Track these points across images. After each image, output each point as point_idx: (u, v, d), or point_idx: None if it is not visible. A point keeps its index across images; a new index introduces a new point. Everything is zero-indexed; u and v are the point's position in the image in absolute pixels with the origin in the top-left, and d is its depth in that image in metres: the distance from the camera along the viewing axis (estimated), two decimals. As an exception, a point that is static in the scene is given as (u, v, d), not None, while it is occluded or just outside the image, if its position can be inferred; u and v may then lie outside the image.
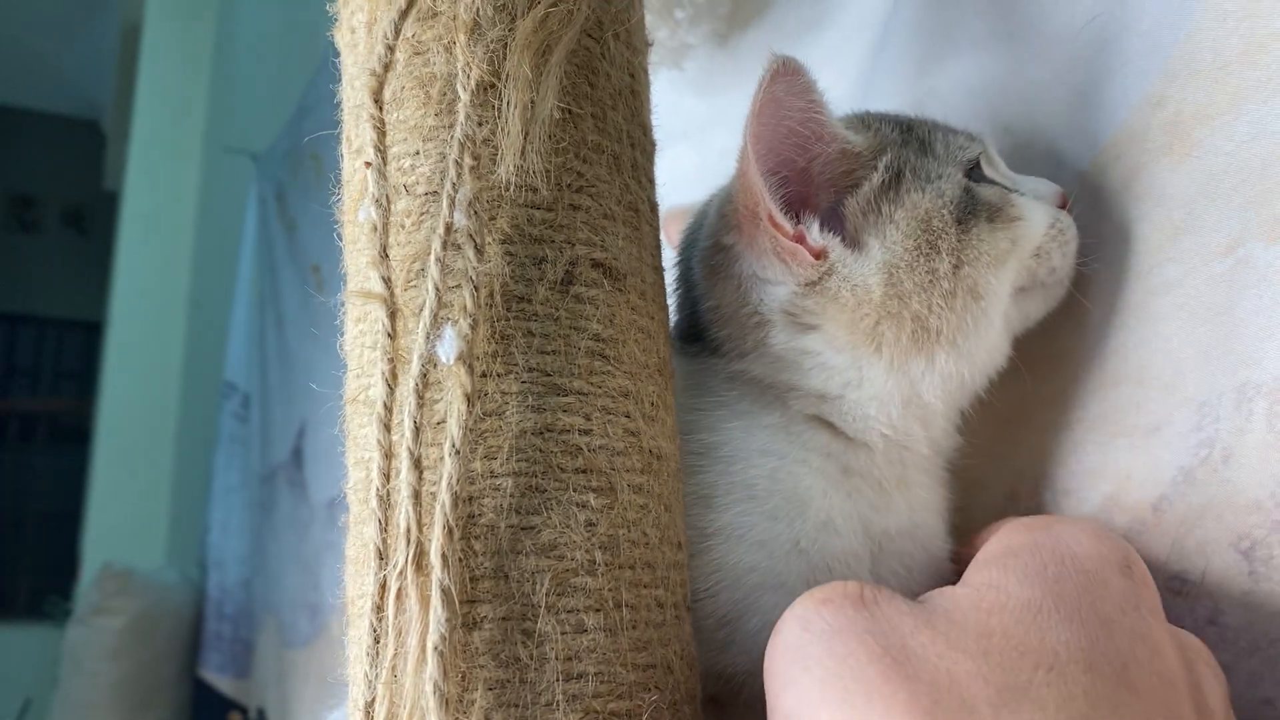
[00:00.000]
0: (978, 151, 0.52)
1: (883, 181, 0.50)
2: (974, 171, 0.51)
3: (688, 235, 0.58)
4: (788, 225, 0.49)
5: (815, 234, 0.49)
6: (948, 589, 0.37)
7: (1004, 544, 0.39)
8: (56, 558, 4.69)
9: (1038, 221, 0.50)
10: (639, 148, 0.48)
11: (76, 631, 2.71)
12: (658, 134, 0.51)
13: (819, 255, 0.49)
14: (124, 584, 2.66)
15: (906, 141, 0.51)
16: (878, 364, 0.49)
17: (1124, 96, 0.52)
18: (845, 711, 0.32)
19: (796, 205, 0.50)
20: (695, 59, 0.80)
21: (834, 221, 0.50)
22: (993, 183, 0.52)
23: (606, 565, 0.41)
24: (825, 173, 0.50)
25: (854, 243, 0.50)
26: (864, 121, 0.53)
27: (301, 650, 1.89)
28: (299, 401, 2.06)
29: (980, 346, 0.50)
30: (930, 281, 0.48)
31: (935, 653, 0.33)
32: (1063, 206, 0.52)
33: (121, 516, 3.85)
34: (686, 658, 0.44)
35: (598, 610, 0.40)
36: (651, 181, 0.49)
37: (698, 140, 0.78)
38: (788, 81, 0.47)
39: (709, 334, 0.53)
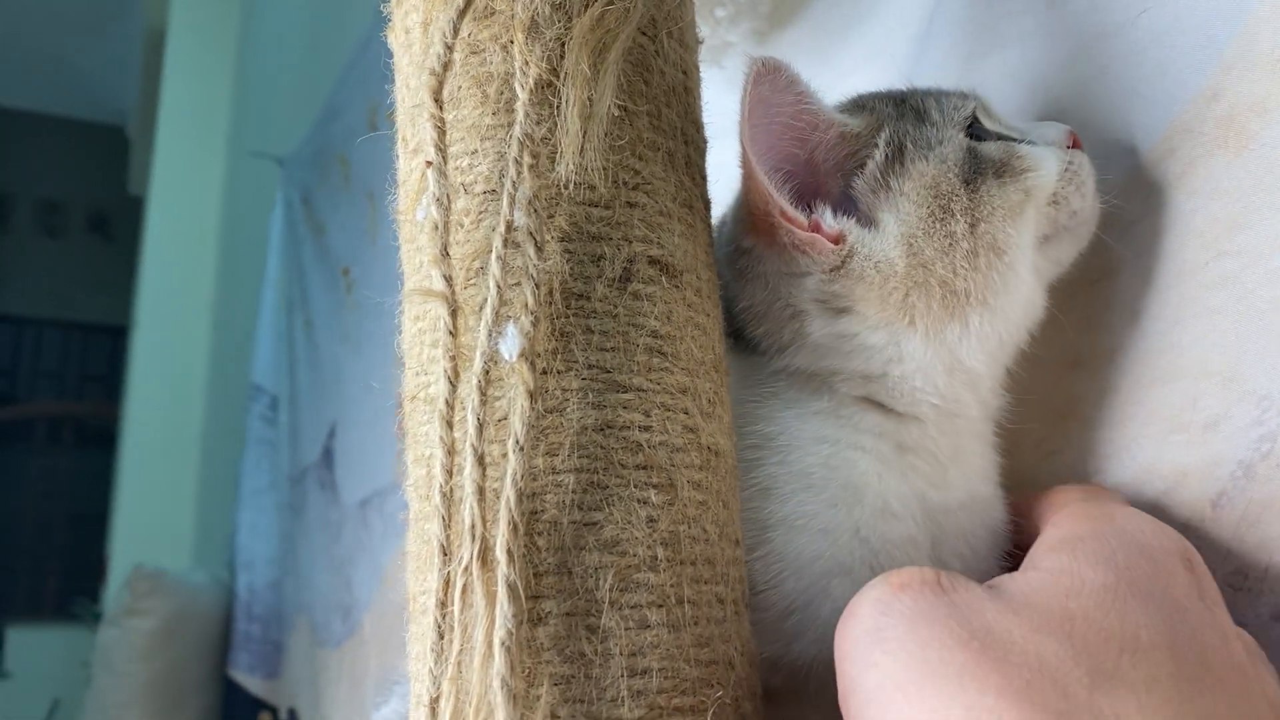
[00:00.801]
0: (972, 107, 0.52)
1: (885, 156, 0.50)
2: (974, 128, 0.52)
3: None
4: (801, 217, 0.49)
5: (829, 220, 0.50)
6: (1016, 575, 0.37)
7: (1068, 530, 0.39)
8: (84, 560, 4.74)
9: (1048, 168, 0.51)
10: (692, 144, 0.48)
11: (108, 632, 2.74)
12: (708, 149, 0.52)
13: (837, 240, 0.49)
14: (155, 585, 2.68)
15: (902, 114, 0.52)
16: (914, 336, 0.50)
17: (1177, 91, 0.52)
18: (934, 695, 0.32)
19: (808, 196, 0.50)
20: (735, 57, 0.80)
21: (847, 205, 0.51)
22: (997, 136, 0.52)
23: (668, 561, 0.41)
24: (829, 159, 0.51)
25: (869, 222, 0.50)
26: (858, 103, 0.54)
27: (334, 650, 1.89)
28: (329, 403, 2.07)
29: (1013, 301, 0.50)
30: (950, 245, 0.49)
31: (1021, 635, 0.33)
32: (1074, 146, 0.53)
33: (148, 518, 3.88)
34: (747, 654, 0.44)
35: (660, 606, 0.40)
36: (704, 178, 0.50)
37: (737, 138, 0.77)
38: (770, 79, 0.48)
39: (746, 333, 0.53)
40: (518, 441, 0.40)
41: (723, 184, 0.53)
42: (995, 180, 0.49)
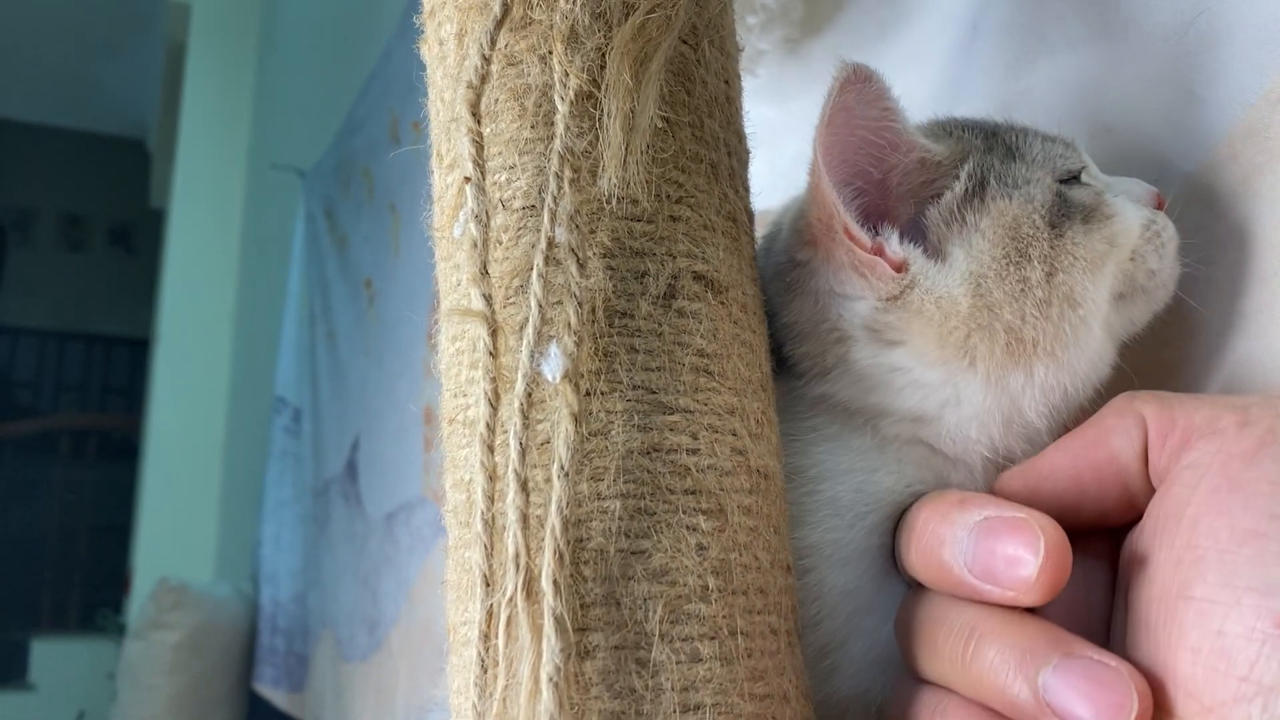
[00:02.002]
0: (1075, 164, 0.49)
1: (966, 190, 0.47)
2: (1067, 178, 0.49)
3: (761, 251, 0.56)
4: (865, 237, 0.46)
5: (895, 246, 0.47)
6: None
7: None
8: (108, 572, 4.76)
9: (1132, 222, 0.48)
10: (735, 155, 0.47)
11: (133, 646, 2.74)
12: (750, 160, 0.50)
13: (899, 268, 0.46)
14: (180, 598, 2.68)
15: (991, 147, 0.49)
16: (974, 379, 0.47)
17: (1238, 94, 0.50)
18: None
19: (874, 217, 0.47)
20: (767, 65, 0.78)
21: (915, 234, 0.48)
22: (1085, 185, 0.49)
23: (719, 591, 0.39)
24: (904, 183, 0.48)
25: (936, 253, 0.47)
26: (945, 128, 0.51)
27: (360, 664, 1.88)
28: (352, 415, 2.06)
29: (1081, 356, 0.47)
30: (1022, 290, 0.45)
31: None
32: (1159, 208, 0.49)
33: (172, 530, 3.89)
34: (801, 687, 0.42)
35: (712, 638, 0.39)
36: (748, 190, 0.48)
37: (770, 148, 0.76)
38: (859, 89, 0.45)
39: (785, 351, 0.51)
40: (562, 467, 0.38)
41: (762, 196, 0.52)
42: (1082, 226, 0.46)
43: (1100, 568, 0.42)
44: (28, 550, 5.24)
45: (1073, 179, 0.49)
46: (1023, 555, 0.37)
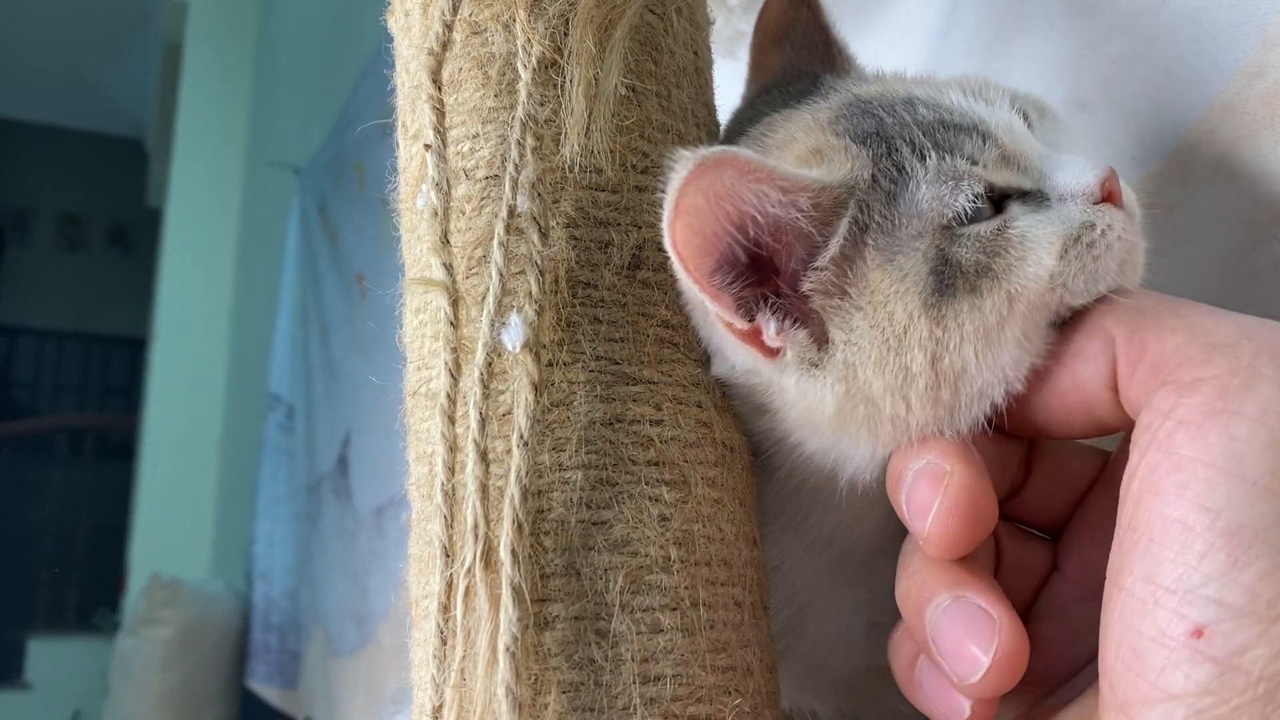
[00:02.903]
0: (974, 191, 0.39)
1: (840, 250, 0.39)
2: (965, 215, 0.39)
3: None
4: (739, 322, 0.39)
5: (771, 332, 0.39)
6: None
7: None
8: (104, 571, 4.75)
9: (1042, 255, 0.38)
10: (704, 127, 0.46)
11: (125, 642, 2.74)
12: (720, 132, 0.49)
13: (774, 354, 0.40)
14: (172, 594, 2.68)
15: (878, 178, 0.40)
16: (858, 449, 0.41)
17: (1215, 69, 0.49)
18: None
19: (766, 280, 0.40)
20: (748, 47, 0.78)
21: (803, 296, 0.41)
22: (1004, 195, 0.40)
23: (681, 562, 0.39)
24: (787, 239, 0.40)
25: (820, 333, 0.40)
26: (838, 143, 0.41)
27: (349, 659, 1.88)
28: (344, 410, 2.06)
29: (989, 398, 0.39)
30: (904, 380, 0.38)
31: None
32: (1108, 197, 0.40)
33: (168, 529, 3.89)
34: (766, 660, 0.41)
35: (674, 609, 0.38)
36: (718, 163, 0.47)
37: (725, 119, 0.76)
38: (709, 184, 0.37)
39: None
40: (522, 436, 0.38)
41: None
42: (968, 298, 0.38)
43: None
44: (25, 549, 5.23)
45: (962, 221, 0.39)
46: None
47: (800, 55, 0.52)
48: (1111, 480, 0.41)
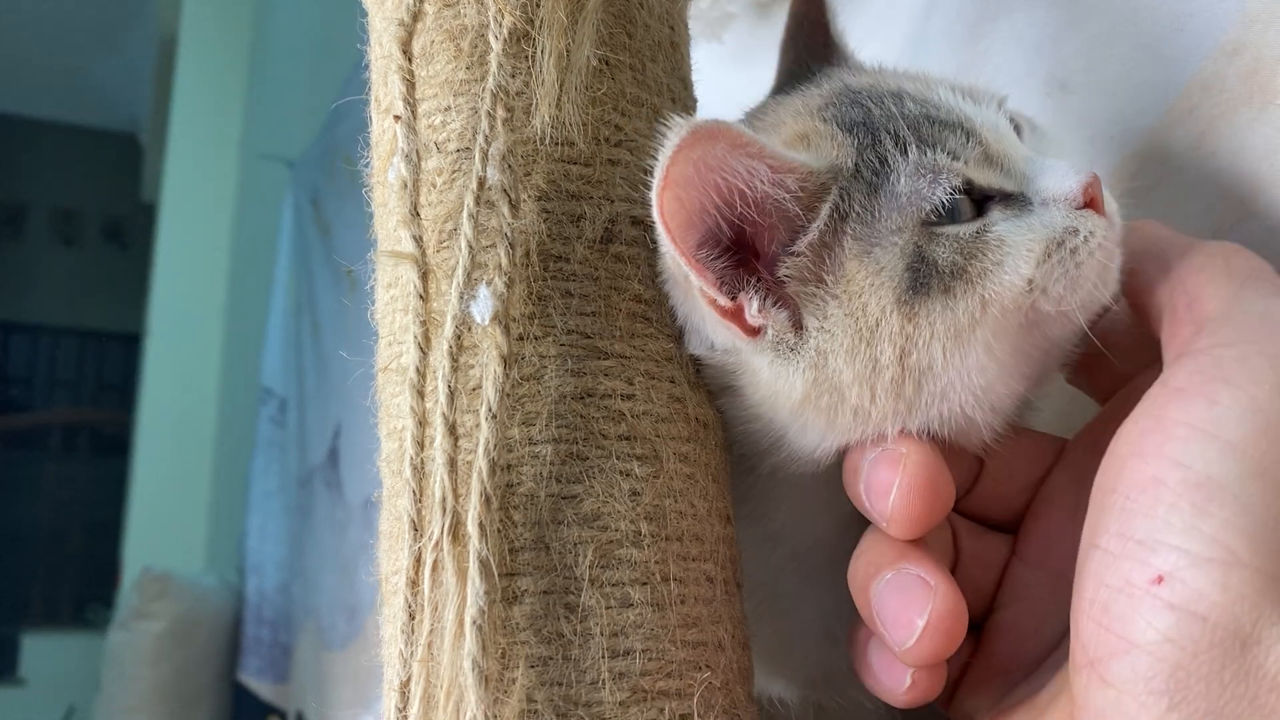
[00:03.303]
0: (952, 186, 0.39)
1: (820, 236, 0.39)
2: (943, 210, 0.39)
3: None
4: (722, 299, 0.39)
5: (754, 309, 0.39)
6: None
7: None
8: (98, 567, 4.74)
9: (1019, 261, 0.38)
10: (680, 102, 0.46)
11: (118, 636, 2.73)
12: (698, 109, 0.49)
13: (756, 332, 0.40)
14: (164, 588, 2.67)
15: (861, 167, 0.40)
16: (804, 435, 0.41)
17: (1195, 47, 0.49)
18: None
19: (748, 258, 0.40)
20: (735, 31, 0.77)
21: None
22: (986, 196, 0.40)
23: (652, 537, 0.39)
24: (772, 219, 0.40)
25: (796, 322, 0.40)
26: (826, 129, 0.41)
27: (340, 652, 1.88)
28: (335, 403, 2.05)
29: (953, 409, 0.40)
30: (873, 371, 0.39)
31: None
32: (1090, 203, 0.39)
33: (161, 524, 3.88)
34: (738, 636, 0.41)
35: (644, 584, 0.38)
36: (693, 139, 0.47)
37: (739, 114, 0.75)
38: (700, 154, 0.37)
39: None
40: (491, 410, 0.37)
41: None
42: (942, 299, 0.38)
43: None
44: (18, 545, 5.22)
45: (948, 215, 0.39)
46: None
47: (805, 54, 0.52)
48: (1071, 463, 0.41)
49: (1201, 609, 0.29)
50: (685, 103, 0.47)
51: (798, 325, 0.40)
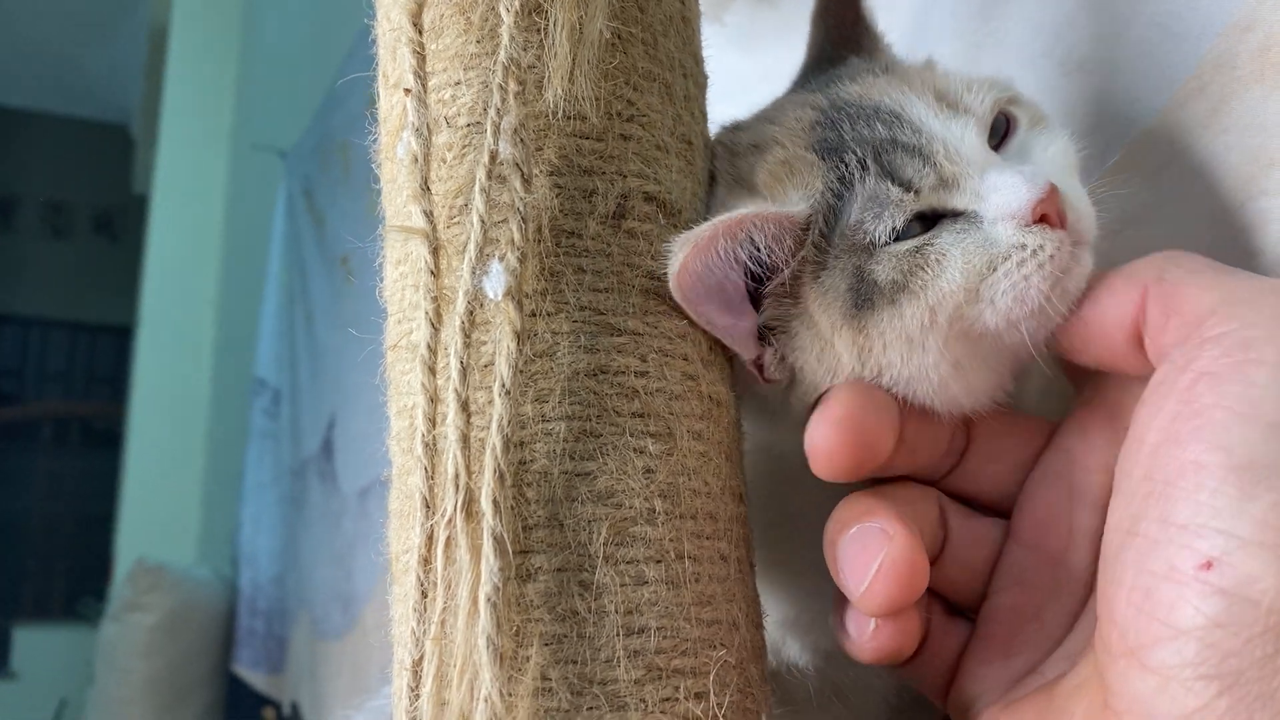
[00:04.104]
0: (894, 222, 0.41)
1: (792, 270, 0.42)
2: (881, 240, 0.41)
3: None
4: (750, 352, 0.43)
5: (773, 365, 0.43)
6: None
7: None
8: (91, 560, 4.73)
9: (954, 273, 0.40)
10: (691, 78, 0.45)
11: (110, 628, 2.72)
12: (707, 86, 0.49)
13: (771, 381, 0.44)
14: (157, 580, 2.66)
15: (826, 192, 0.42)
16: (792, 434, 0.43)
17: (1207, 25, 0.49)
18: None
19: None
20: (737, 13, 0.77)
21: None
22: (938, 215, 0.41)
23: (666, 514, 0.38)
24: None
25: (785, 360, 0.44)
26: (812, 156, 0.44)
27: (335, 642, 1.87)
28: (328, 394, 2.05)
29: (916, 397, 0.41)
30: (835, 372, 0.42)
31: None
32: (1045, 218, 0.40)
33: (154, 517, 3.87)
34: (752, 615, 0.41)
35: (658, 561, 0.38)
36: (704, 115, 0.47)
37: (742, 99, 0.74)
38: (702, 255, 0.40)
39: None
40: (504, 386, 0.37)
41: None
42: (888, 308, 0.40)
43: None
44: (10, 538, 5.20)
45: (880, 245, 0.41)
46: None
47: (834, 34, 0.53)
48: (1062, 446, 0.41)
49: (1254, 593, 0.29)
50: (696, 78, 0.46)
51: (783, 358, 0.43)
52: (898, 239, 0.41)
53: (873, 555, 0.37)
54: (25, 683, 4.69)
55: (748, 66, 0.79)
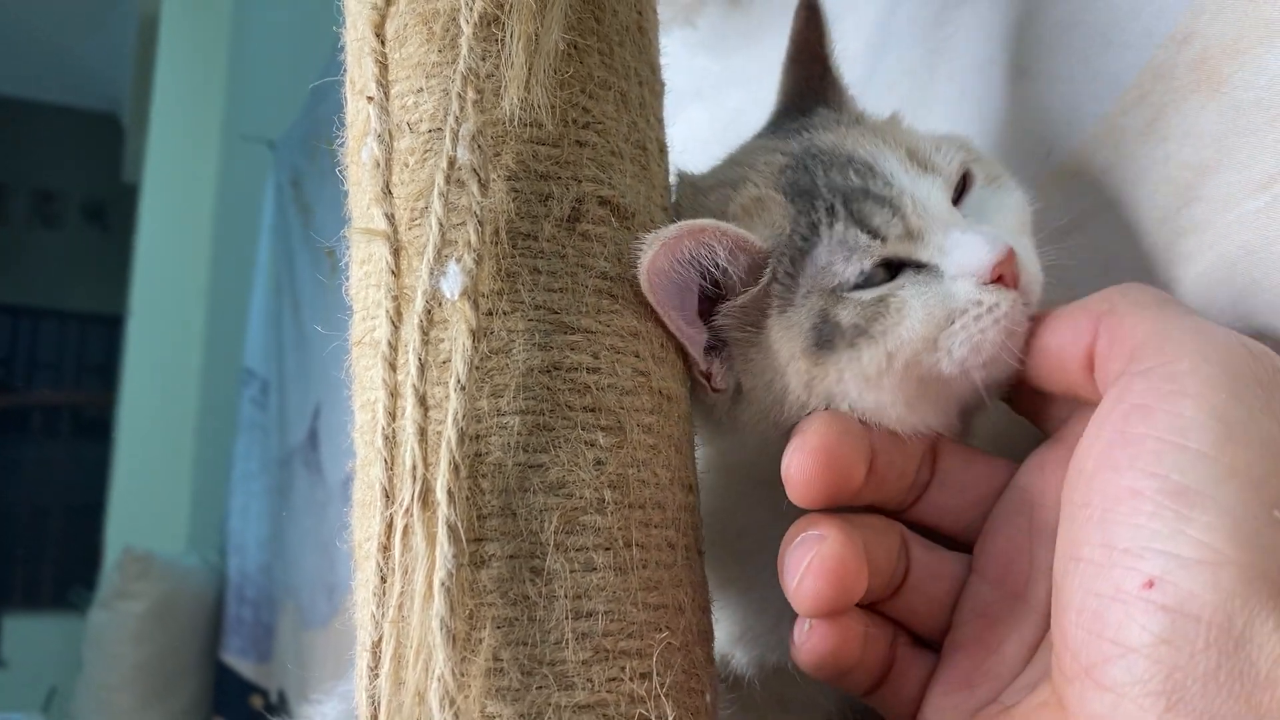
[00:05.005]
0: (860, 267, 0.44)
1: (752, 298, 0.45)
2: (848, 285, 0.44)
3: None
4: (702, 361, 0.46)
5: (719, 377, 0.46)
6: None
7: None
8: (80, 549, 4.73)
9: (914, 324, 0.42)
10: (647, 86, 0.47)
11: (99, 616, 2.73)
12: (671, 95, 0.50)
13: (719, 390, 0.47)
14: (145, 568, 2.68)
15: (794, 234, 0.45)
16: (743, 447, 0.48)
17: (1147, 35, 0.51)
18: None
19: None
20: (708, 17, 0.78)
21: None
22: (902, 264, 0.44)
23: (616, 504, 0.40)
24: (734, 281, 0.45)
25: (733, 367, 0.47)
26: (779, 197, 0.47)
27: (320, 630, 1.89)
28: (314, 384, 2.06)
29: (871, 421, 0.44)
30: (783, 397, 0.45)
31: None
32: (1001, 279, 0.42)
33: (143, 506, 3.87)
34: (698, 600, 0.43)
35: (607, 549, 0.40)
36: (660, 121, 0.49)
37: (711, 100, 0.76)
38: (669, 252, 0.43)
39: None
40: (460, 381, 0.39)
41: (685, 149, 0.52)
42: (848, 351, 0.43)
43: None
44: (0, 527, 5.21)
45: (846, 287, 0.44)
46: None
47: (802, 85, 0.55)
48: (1023, 484, 0.43)
49: (1194, 609, 0.30)
50: (652, 85, 0.48)
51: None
52: (864, 284, 0.44)
53: (808, 553, 0.39)
54: (15, 671, 4.69)
55: (718, 69, 0.81)
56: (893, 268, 0.44)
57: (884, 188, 0.45)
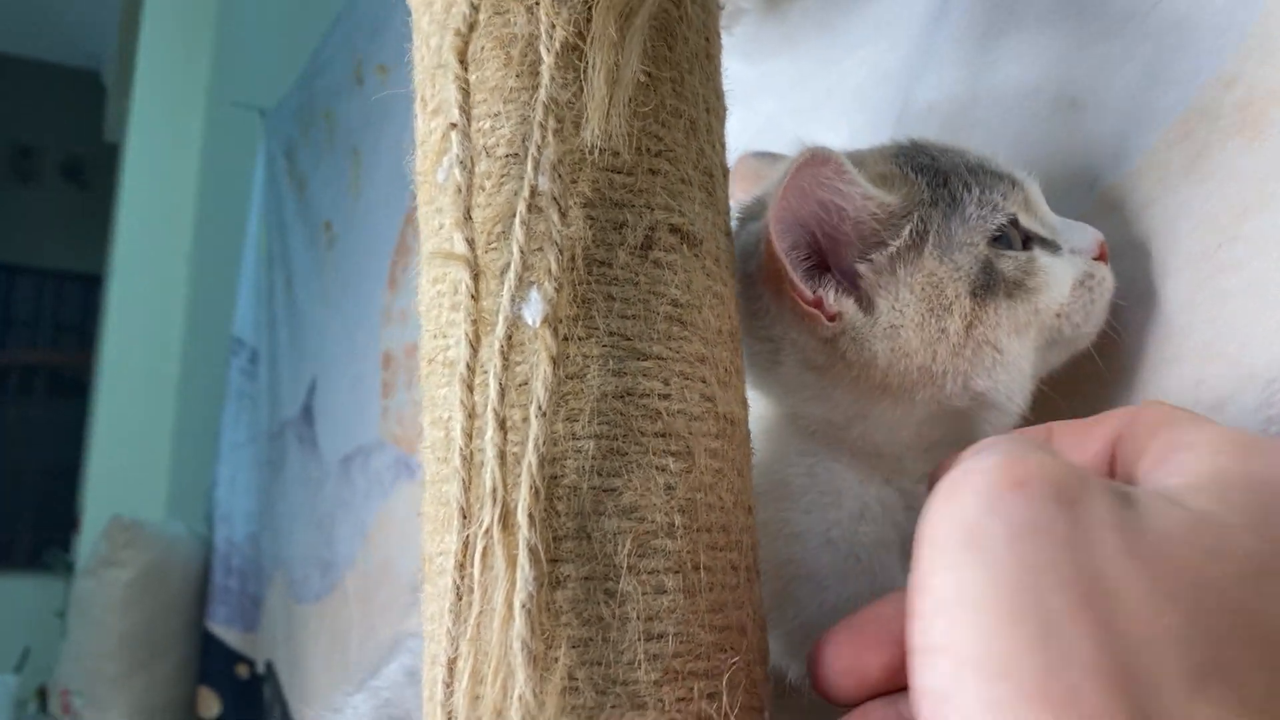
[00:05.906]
0: (1008, 216, 0.50)
1: (902, 246, 0.50)
2: (1003, 236, 0.50)
3: (736, 221, 0.57)
4: (807, 290, 0.49)
5: (831, 299, 0.49)
6: (1157, 500, 0.30)
7: (1215, 465, 0.31)
8: (56, 510, 4.71)
9: (1058, 290, 0.50)
10: (713, 112, 0.48)
11: (85, 583, 2.73)
12: (726, 117, 0.51)
13: (834, 318, 0.49)
14: (133, 536, 2.67)
15: (935, 200, 0.51)
16: (883, 400, 0.50)
17: (1194, 74, 0.52)
18: (1011, 638, 0.27)
19: (821, 266, 0.50)
20: (744, 24, 0.79)
21: (855, 278, 0.50)
22: (1028, 238, 0.51)
23: (685, 528, 0.41)
24: (854, 237, 0.50)
25: (867, 303, 0.50)
26: (899, 172, 0.52)
27: (313, 605, 1.90)
28: (309, 359, 2.06)
29: (995, 387, 0.50)
30: (939, 337, 0.49)
31: (1136, 596, 0.27)
32: (1100, 257, 0.52)
33: (122, 470, 3.85)
34: (757, 620, 0.44)
35: (677, 572, 0.41)
36: (724, 146, 0.49)
37: (745, 106, 0.77)
38: (813, 172, 0.48)
39: None
40: (540, 407, 0.40)
41: (736, 154, 0.53)
42: (1006, 300, 0.49)
43: None
44: (-27, 486, 5.17)
45: (1004, 242, 0.50)
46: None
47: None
48: None
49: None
50: (717, 112, 0.49)
51: (867, 310, 0.49)
52: (1009, 247, 0.50)
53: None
54: (-12, 631, 4.68)
55: (752, 75, 0.81)
56: (1023, 241, 0.51)
57: (1001, 167, 0.52)
